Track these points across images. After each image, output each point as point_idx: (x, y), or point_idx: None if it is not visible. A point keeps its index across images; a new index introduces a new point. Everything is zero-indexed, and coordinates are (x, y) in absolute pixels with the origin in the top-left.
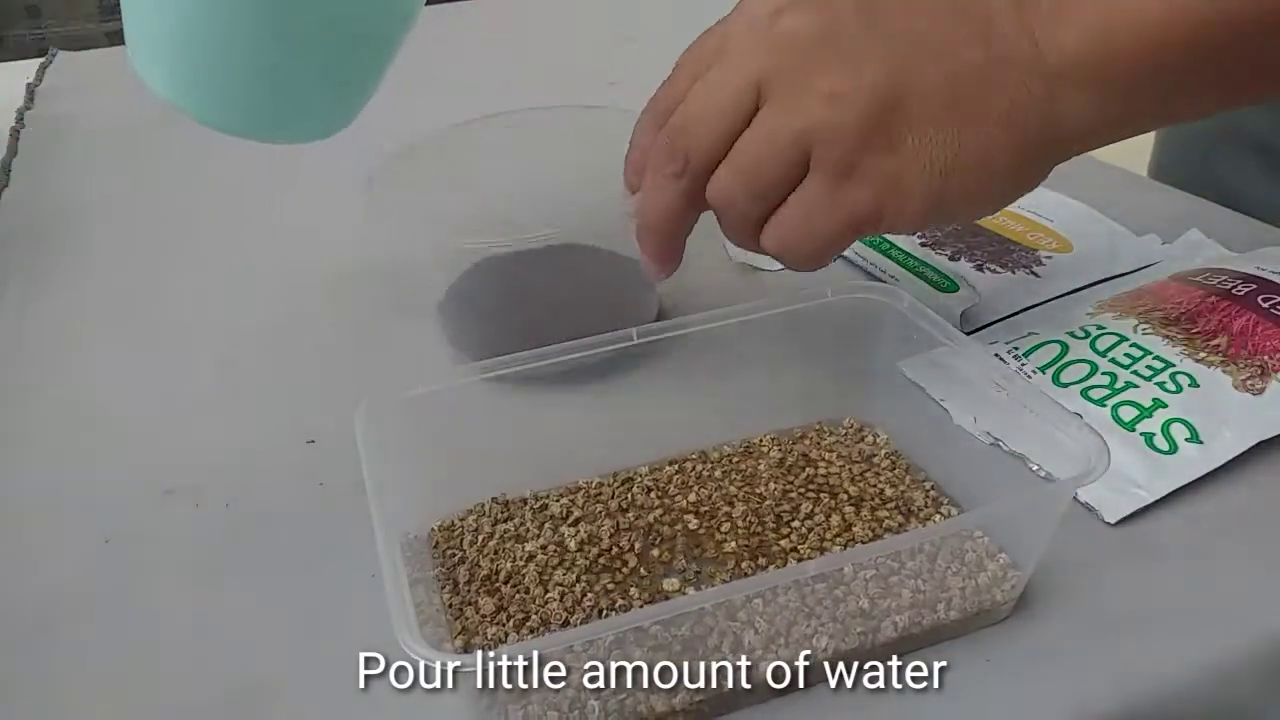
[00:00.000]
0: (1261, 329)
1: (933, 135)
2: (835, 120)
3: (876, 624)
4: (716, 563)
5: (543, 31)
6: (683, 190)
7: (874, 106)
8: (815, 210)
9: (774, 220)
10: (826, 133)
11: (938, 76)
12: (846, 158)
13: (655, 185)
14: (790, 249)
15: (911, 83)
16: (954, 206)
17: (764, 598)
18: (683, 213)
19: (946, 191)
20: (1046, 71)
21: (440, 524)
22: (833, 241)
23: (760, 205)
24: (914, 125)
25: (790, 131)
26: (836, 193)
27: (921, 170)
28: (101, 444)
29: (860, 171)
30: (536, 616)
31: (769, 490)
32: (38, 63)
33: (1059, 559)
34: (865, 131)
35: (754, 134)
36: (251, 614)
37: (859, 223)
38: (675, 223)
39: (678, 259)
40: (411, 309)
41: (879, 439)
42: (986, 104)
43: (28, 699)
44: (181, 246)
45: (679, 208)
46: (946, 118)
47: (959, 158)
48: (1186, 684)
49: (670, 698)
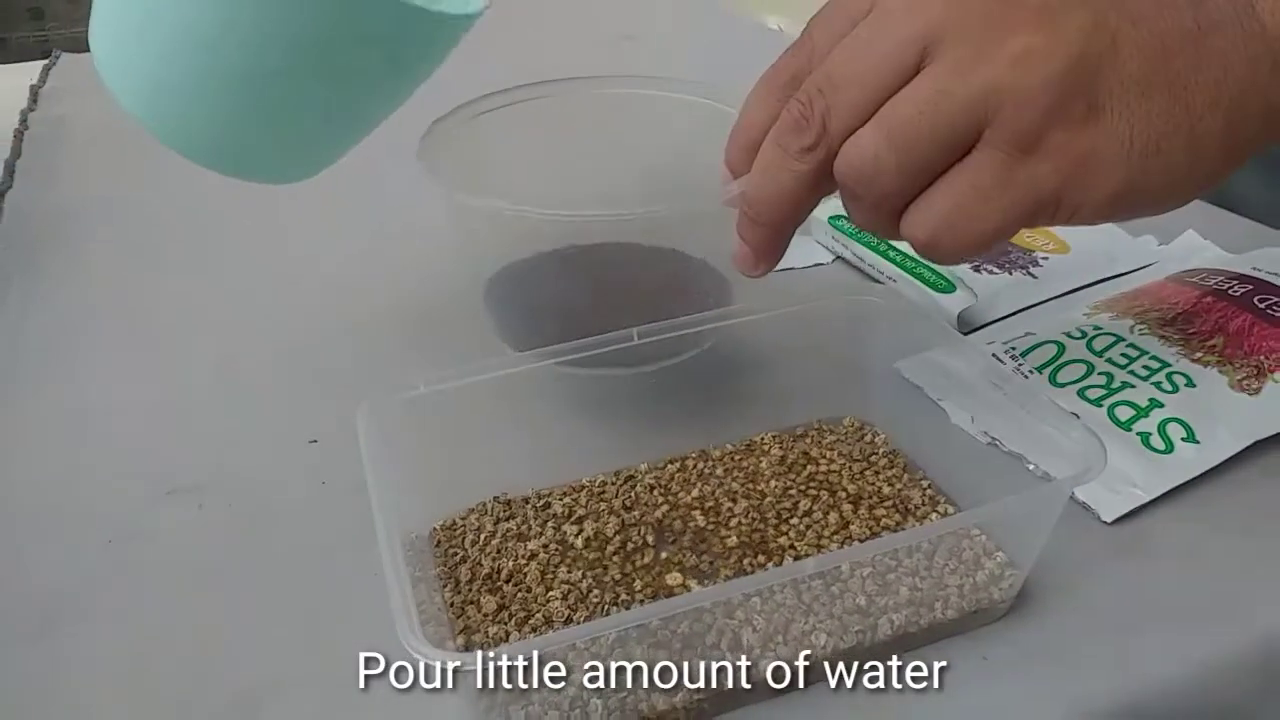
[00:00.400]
0: (1258, 329)
1: (1137, 107)
2: (1023, 83)
3: (874, 622)
4: (720, 559)
5: (542, 31)
6: (812, 168)
7: (1071, 70)
8: (985, 191)
9: (927, 201)
10: (1011, 97)
11: (1146, 37)
12: (1032, 128)
13: (776, 163)
14: (946, 236)
15: (1116, 45)
16: (1149, 194)
17: (761, 595)
18: (807, 197)
19: (1147, 175)
20: (1268, 36)
21: (442, 523)
22: (1000, 230)
23: (909, 182)
24: (1116, 95)
25: (966, 93)
26: (1014, 170)
27: (1121, 148)
28: (103, 444)
29: (1046, 146)
30: (539, 615)
31: (770, 488)
32: (41, 64)
33: (1056, 558)
34: (1058, 98)
35: (915, 92)
36: (253, 614)
37: (1037, 207)
38: (794, 209)
39: (781, 254)
40: (414, 307)
41: (878, 438)
42: (1200, 72)
43: (28, 699)
44: (183, 246)
45: (803, 190)
46: (1154, 87)
47: (1166, 136)
48: (1183, 682)
49: (671, 696)
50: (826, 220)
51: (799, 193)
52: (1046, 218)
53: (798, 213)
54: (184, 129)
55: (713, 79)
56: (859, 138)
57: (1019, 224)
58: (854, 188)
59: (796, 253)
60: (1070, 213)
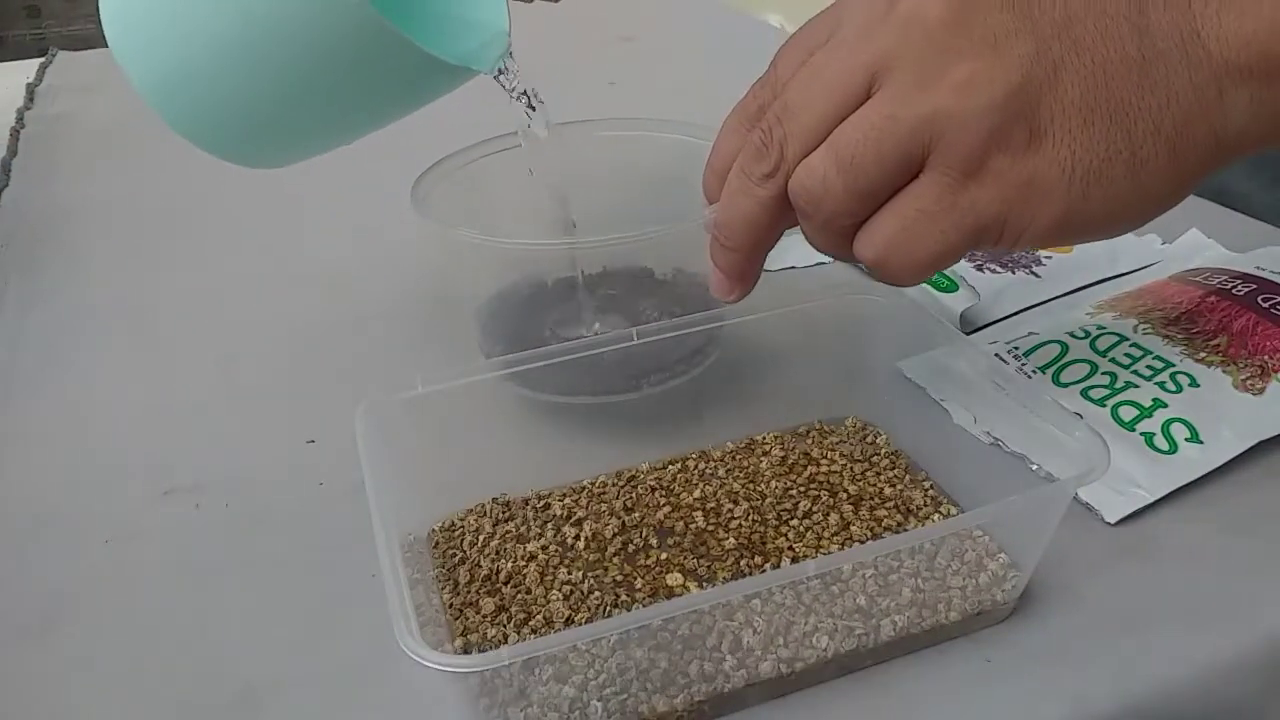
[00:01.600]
0: (1261, 329)
1: (1079, 134)
2: (965, 108)
3: (876, 623)
4: (720, 560)
5: (542, 31)
6: (773, 194)
7: (1012, 96)
8: (929, 214)
9: (875, 223)
10: (954, 122)
11: (1089, 66)
12: (974, 153)
13: (741, 189)
14: (893, 258)
15: (1059, 72)
16: (1093, 220)
17: (761, 597)
18: (770, 222)
19: (1088, 201)
20: (1213, 64)
21: (440, 524)
22: (945, 253)
23: (858, 204)
24: (1057, 121)
25: (910, 118)
26: (958, 194)
27: (1062, 174)
28: (101, 444)
29: (988, 171)
30: (539, 617)
31: (770, 489)
32: (38, 63)
33: (1059, 559)
34: (1000, 124)
35: (863, 118)
36: (251, 614)
37: (980, 232)
38: (760, 233)
39: (754, 278)
40: (413, 307)
41: (880, 438)
42: (1143, 99)
43: (28, 699)
44: (182, 246)
45: (766, 215)
46: (1096, 114)
47: (1108, 162)
48: (1186, 683)
49: (671, 698)
50: None
51: (763, 217)
52: (991, 241)
53: (765, 237)
54: (193, 115)
55: (713, 78)
56: (810, 160)
57: (964, 247)
58: (805, 208)
59: (799, 252)
60: (1015, 237)
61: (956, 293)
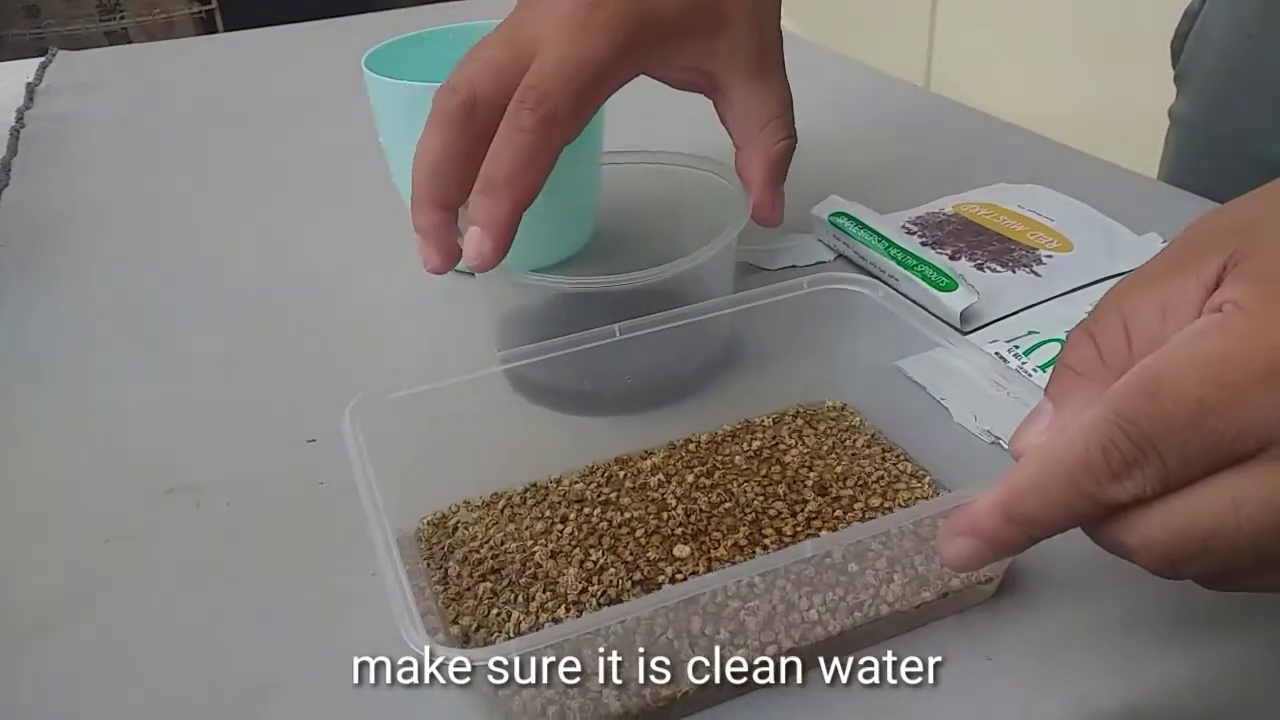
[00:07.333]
0: None
1: None
2: None
3: (873, 602)
4: (717, 546)
5: None
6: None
7: None
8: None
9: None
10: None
11: None
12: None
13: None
14: (1188, 571)
15: None
16: None
17: (764, 579)
18: None
19: None
20: None
21: (432, 518)
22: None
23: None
24: None
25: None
26: None
27: None
28: (101, 444)
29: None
30: (534, 606)
31: (758, 474)
32: (37, 62)
33: (1058, 556)
34: None
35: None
36: (252, 613)
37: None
38: None
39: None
40: (415, 306)
41: (880, 436)
42: None
43: (28, 699)
44: (181, 245)
45: None
46: None
47: None
48: (1186, 680)
49: (670, 686)
50: (828, 219)
51: None
52: None
53: None
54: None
55: None
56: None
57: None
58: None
59: (799, 251)
60: None
61: (956, 291)
